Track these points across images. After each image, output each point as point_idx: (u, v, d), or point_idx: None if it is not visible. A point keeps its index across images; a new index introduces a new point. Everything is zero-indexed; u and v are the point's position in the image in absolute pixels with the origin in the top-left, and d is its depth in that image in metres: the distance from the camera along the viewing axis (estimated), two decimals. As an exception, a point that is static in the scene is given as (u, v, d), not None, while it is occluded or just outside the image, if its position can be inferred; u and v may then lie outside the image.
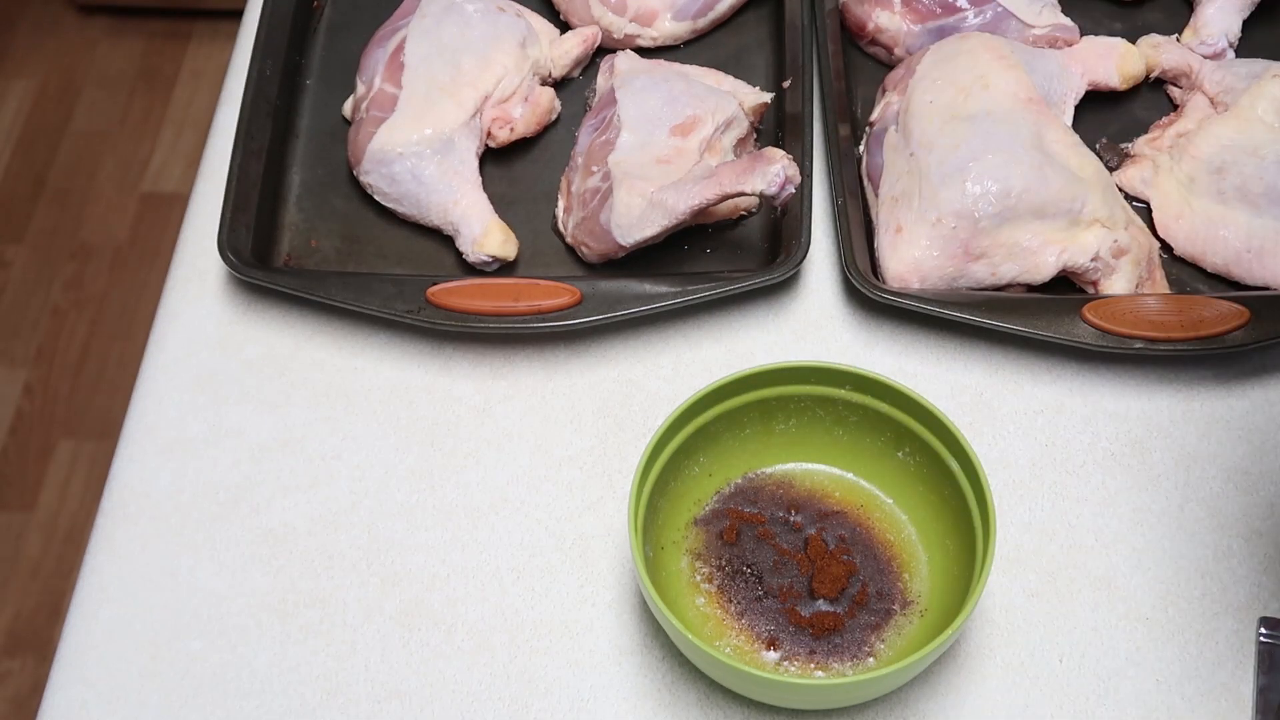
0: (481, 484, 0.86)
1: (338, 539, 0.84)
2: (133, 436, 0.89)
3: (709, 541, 0.81)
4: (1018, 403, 0.89)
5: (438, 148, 0.95)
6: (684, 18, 1.05)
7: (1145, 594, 0.81)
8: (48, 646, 1.74)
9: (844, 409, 0.82)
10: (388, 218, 0.98)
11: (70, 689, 0.79)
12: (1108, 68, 1.00)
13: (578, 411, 0.89)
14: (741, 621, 0.78)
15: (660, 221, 0.90)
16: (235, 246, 0.92)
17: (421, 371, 0.91)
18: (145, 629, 0.81)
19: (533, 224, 0.97)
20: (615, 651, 0.80)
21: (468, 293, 0.90)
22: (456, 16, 0.99)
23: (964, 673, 0.79)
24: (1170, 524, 0.84)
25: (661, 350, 0.92)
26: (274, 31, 1.03)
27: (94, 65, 2.32)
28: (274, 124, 0.99)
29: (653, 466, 0.77)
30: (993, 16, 1.02)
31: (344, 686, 0.79)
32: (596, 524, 0.84)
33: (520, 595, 0.82)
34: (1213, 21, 1.03)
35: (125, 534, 0.85)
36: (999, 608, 0.81)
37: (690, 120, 0.95)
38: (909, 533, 0.81)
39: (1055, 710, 0.77)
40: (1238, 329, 0.87)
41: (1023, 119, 0.92)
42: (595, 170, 0.93)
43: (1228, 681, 0.78)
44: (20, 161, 2.21)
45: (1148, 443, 0.87)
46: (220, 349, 0.92)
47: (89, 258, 2.10)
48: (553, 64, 1.03)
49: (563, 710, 0.78)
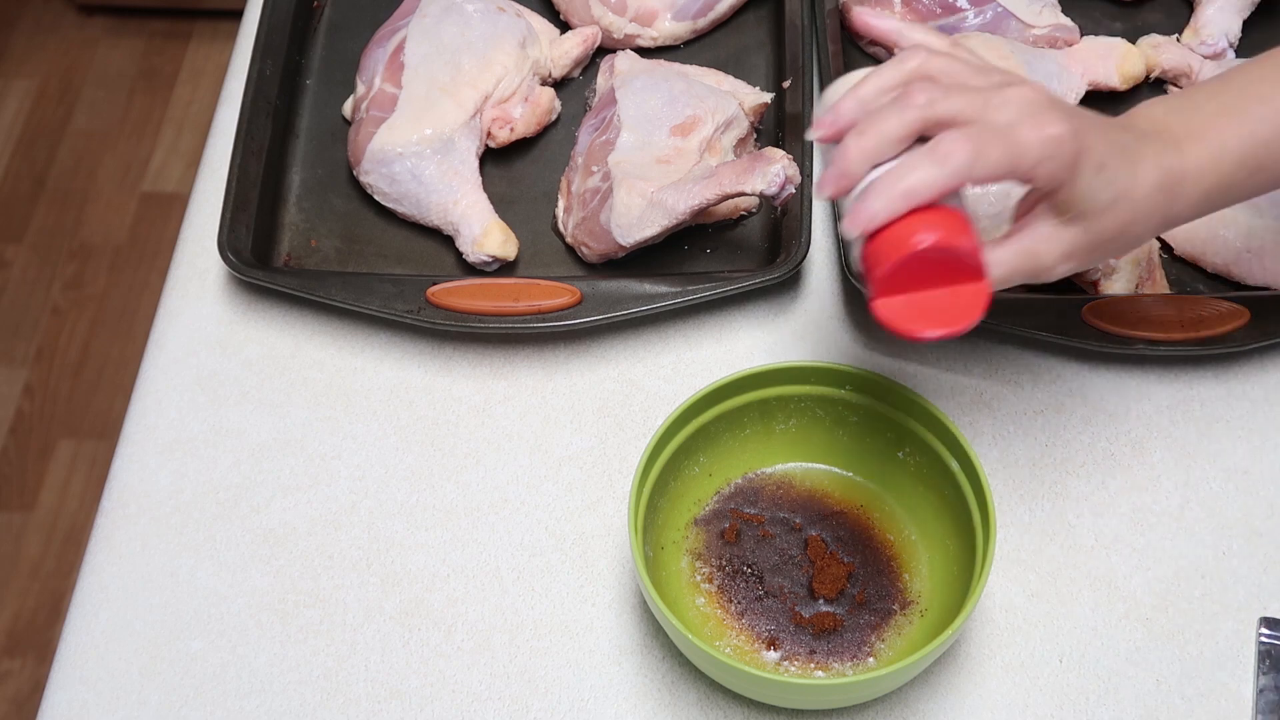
0: (481, 484, 0.86)
1: (338, 539, 0.84)
2: (133, 436, 0.89)
3: (709, 541, 0.81)
4: (1018, 403, 0.89)
5: (438, 148, 0.95)
6: (684, 18, 1.05)
7: (1145, 594, 0.81)
8: (48, 646, 1.74)
9: (844, 409, 0.82)
10: (388, 218, 0.98)
11: (70, 689, 0.79)
12: (1108, 68, 1.00)
13: (578, 411, 0.89)
14: (741, 621, 0.78)
15: (660, 221, 0.90)
16: (235, 246, 0.92)
17: (421, 371, 0.91)
18: (145, 629, 0.81)
19: (533, 224, 0.97)
20: (615, 651, 0.80)
21: (468, 293, 0.90)
22: (456, 16, 0.99)
23: (964, 673, 0.79)
24: (1170, 524, 0.84)
25: (661, 350, 0.92)
26: (274, 31, 1.03)
27: (94, 65, 2.32)
28: (274, 124, 0.99)
29: (653, 466, 0.77)
30: (993, 16, 1.02)
31: (344, 686, 0.79)
32: (596, 524, 0.84)
33: (520, 595, 0.82)
34: (1213, 21, 1.03)
35: (125, 534, 0.85)
36: (999, 608, 0.81)
37: (690, 120, 0.95)
38: (909, 533, 0.81)
39: (1055, 710, 0.77)
40: (1238, 329, 0.87)
41: (1023, 119, 0.91)
42: (595, 170, 0.93)
43: (1228, 681, 0.78)
44: (20, 161, 2.21)
45: (1148, 443, 0.87)
46: (220, 349, 0.92)
47: (89, 258, 2.10)
48: (553, 64, 1.03)
49: (563, 710, 0.78)
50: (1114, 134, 0.69)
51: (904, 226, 0.65)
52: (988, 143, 0.65)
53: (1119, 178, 0.68)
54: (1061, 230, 0.69)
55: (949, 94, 0.66)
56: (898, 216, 0.65)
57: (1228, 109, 0.72)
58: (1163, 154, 0.70)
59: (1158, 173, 0.69)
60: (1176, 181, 0.70)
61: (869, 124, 0.67)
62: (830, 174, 0.67)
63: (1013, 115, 0.66)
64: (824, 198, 0.69)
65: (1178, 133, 0.71)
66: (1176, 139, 0.71)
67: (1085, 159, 0.67)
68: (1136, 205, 0.69)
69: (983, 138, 0.65)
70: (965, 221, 0.66)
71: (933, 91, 0.66)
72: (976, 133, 0.65)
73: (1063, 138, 0.65)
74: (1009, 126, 0.65)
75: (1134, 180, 0.69)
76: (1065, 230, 0.69)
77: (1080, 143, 0.66)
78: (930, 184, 0.65)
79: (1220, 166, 0.71)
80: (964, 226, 0.66)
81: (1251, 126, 0.72)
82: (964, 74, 0.68)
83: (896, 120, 0.66)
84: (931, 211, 0.65)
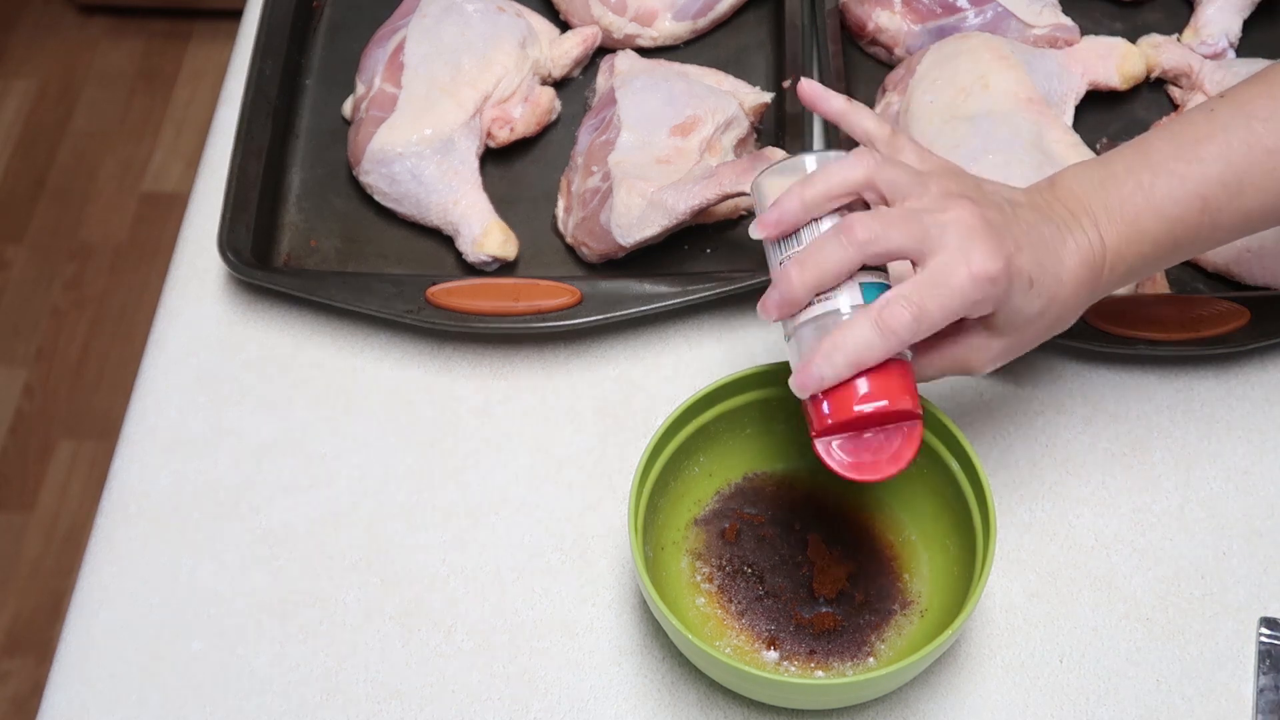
0: (481, 484, 0.86)
1: (338, 539, 0.84)
2: (133, 436, 0.89)
3: (709, 541, 0.81)
4: (1018, 403, 0.89)
5: (438, 148, 0.95)
6: (684, 18, 1.05)
7: (1145, 594, 0.81)
8: (48, 646, 1.74)
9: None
10: (388, 218, 0.98)
11: (70, 689, 0.79)
12: (1108, 68, 1.00)
13: (578, 411, 0.89)
14: (741, 621, 0.78)
15: (660, 221, 0.90)
16: (235, 246, 0.92)
17: (421, 371, 0.91)
18: (145, 629, 0.81)
19: (533, 224, 0.97)
20: (615, 651, 0.80)
21: (468, 293, 0.90)
22: (456, 16, 0.99)
23: (964, 673, 0.79)
24: (1170, 524, 0.84)
25: (661, 350, 0.92)
26: (274, 31, 1.03)
27: (94, 65, 2.32)
28: (274, 124, 0.99)
29: (653, 466, 0.77)
30: (993, 16, 1.02)
31: (344, 686, 0.79)
32: (596, 524, 0.84)
33: (520, 595, 0.82)
34: (1213, 21, 1.03)
35: (125, 534, 0.85)
36: (999, 608, 0.81)
37: (690, 120, 0.95)
38: (909, 533, 0.81)
39: (1055, 710, 0.77)
40: (1238, 329, 0.87)
41: (1023, 119, 0.92)
42: (595, 170, 0.93)
43: (1228, 681, 0.78)
44: (20, 161, 2.21)
45: (1148, 443, 0.87)
46: (220, 349, 0.92)
47: (89, 258, 2.10)
48: (553, 64, 1.03)
49: (563, 710, 0.78)
50: (1039, 233, 0.71)
51: (848, 388, 0.70)
52: (926, 301, 0.68)
53: (1046, 286, 0.71)
54: (993, 341, 0.73)
55: (888, 229, 0.69)
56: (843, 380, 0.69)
57: (1143, 188, 0.74)
58: (1084, 242, 0.72)
59: (1080, 262, 0.72)
60: (1098, 266, 0.73)
61: (811, 256, 0.70)
62: (774, 299, 0.71)
63: (950, 250, 0.68)
64: (769, 320, 0.72)
65: (1096, 214, 0.73)
66: (1095, 221, 0.73)
67: (1016, 283, 0.69)
68: (1065, 303, 0.72)
69: (921, 298, 0.68)
70: (904, 371, 0.71)
71: (873, 228, 0.69)
72: (915, 293, 0.68)
73: (996, 276, 0.68)
74: (945, 272, 0.68)
75: (1060, 281, 0.71)
76: (995, 341, 0.72)
77: (1012, 270, 0.69)
78: (876, 354, 0.69)
79: (1139, 249, 0.74)
80: (903, 380, 0.70)
81: (1165, 208, 0.73)
82: (907, 188, 0.70)
83: (838, 256, 0.69)
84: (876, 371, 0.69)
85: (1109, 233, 0.73)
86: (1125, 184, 0.74)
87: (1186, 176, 0.73)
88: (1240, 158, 0.73)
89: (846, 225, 0.69)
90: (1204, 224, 0.74)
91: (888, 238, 0.68)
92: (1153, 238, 0.74)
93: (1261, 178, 0.74)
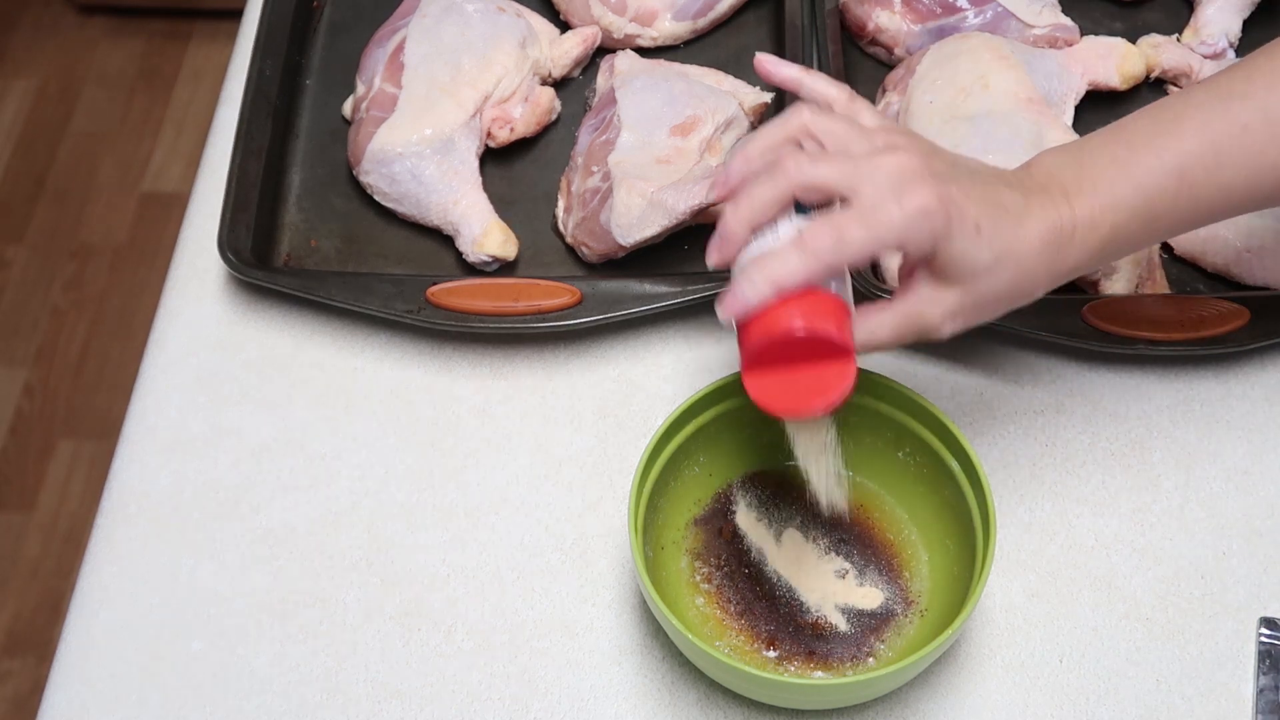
0: (481, 484, 0.86)
1: (338, 539, 0.84)
2: (133, 436, 0.89)
3: (709, 541, 0.81)
4: (1018, 403, 0.89)
5: (438, 148, 0.95)
6: (684, 18, 1.05)
7: (1145, 594, 0.81)
8: (48, 646, 1.74)
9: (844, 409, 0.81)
10: (388, 218, 0.98)
11: (70, 689, 0.79)
12: (1108, 68, 1.00)
13: (578, 411, 0.89)
14: (741, 621, 0.78)
15: (660, 221, 0.90)
16: (235, 246, 0.92)
17: (421, 371, 0.91)
18: (145, 629, 0.81)
19: (533, 224, 0.97)
20: (615, 651, 0.80)
21: (468, 293, 0.90)
22: (456, 16, 0.99)
23: (964, 673, 0.79)
24: (1170, 524, 0.84)
25: (661, 350, 0.92)
26: (274, 31, 1.03)
27: (94, 65, 2.32)
28: (274, 124, 0.99)
29: (653, 466, 0.77)
30: (993, 16, 1.02)
31: (344, 686, 0.79)
32: (596, 524, 0.84)
33: (520, 595, 0.82)
34: (1213, 21, 1.03)
35: (125, 534, 0.85)
36: (999, 608, 0.81)
37: (690, 120, 0.95)
38: (909, 533, 0.81)
39: (1055, 710, 0.77)
40: (1238, 329, 0.87)
41: (1023, 119, 0.92)
42: (595, 170, 0.93)
43: (1228, 681, 0.78)
44: (20, 161, 2.21)
45: (1148, 443, 0.87)
46: (220, 349, 0.92)
47: (89, 258, 2.10)
48: (553, 64, 1.03)
49: (563, 710, 0.78)
50: (996, 193, 0.69)
51: (772, 313, 0.67)
52: (848, 226, 0.66)
53: (999, 238, 0.69)
54: (943, 292, 0.70)
55: (817, 162, 0.68)
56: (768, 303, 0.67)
57: (1119, 160, 0.72)
58: (1050, 208, 0.70)
59: (1044, 228, 0.70)
60: (1066, 235, 0.71)
61: (744, 192, 0.69)
62: (714, 241, 0.70)
63: (880, 187, 0.66)
64: (712, 265, 0.71)
65: (1068, 185, 0.72)
66: (1066, 192, 0.71)
67: (958, 224, 0.67)
68: (1022, 262, 0.70)
69: (844, 221, 0.66)
70: (835, 304, 0.69)
71: (801, 159, 0.68)
72: (839, 218, 0.66)
73: (929, 209, 0.66)
74: (872, 205, 0.66)
75: (1018, 238, 0.69)
76: (946, 292, 0.70)
77: (950, 209, 0.67)
78: (795, 274, 0.67)
79: (1114, 218, 0.72)
80: (831, 310, 0.68)
81: (1141, 178, 0.72)
82: (845, 137, 0.69)
83: (768, 187, 0.68)
84: (801, 298, 0.67)
85: (1080, 202, 0.71)
86: (1100, 157, 0.73)
87: (1164, 149, 0.72)
88: (1218, 133, 0.72)
89: (777, 159, 0.68)
90: (1182, 196, 0.72)
91: (816, 170, 0.67)
92: (1129, 206, 0.72)
93: (1240, 153, 0.72)
